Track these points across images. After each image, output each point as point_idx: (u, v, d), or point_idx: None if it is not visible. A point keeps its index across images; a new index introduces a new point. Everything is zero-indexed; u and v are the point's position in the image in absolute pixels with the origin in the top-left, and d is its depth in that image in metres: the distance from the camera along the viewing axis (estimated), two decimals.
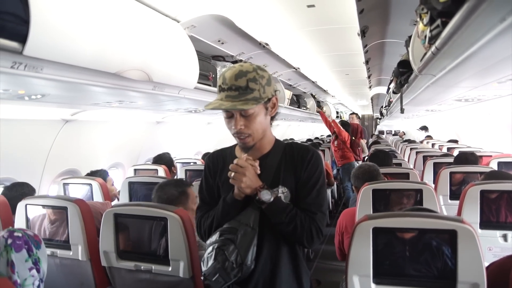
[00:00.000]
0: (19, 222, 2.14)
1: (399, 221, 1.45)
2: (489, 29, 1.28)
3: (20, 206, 2.16)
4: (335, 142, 6.41)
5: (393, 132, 17.46)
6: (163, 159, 3.85)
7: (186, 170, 3.64)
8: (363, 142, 7.07)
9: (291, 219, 1.35)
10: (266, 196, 1.34)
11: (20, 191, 2.52)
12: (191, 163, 4.44)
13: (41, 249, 1.23)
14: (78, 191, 3.03)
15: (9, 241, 1.17)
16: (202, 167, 3.52)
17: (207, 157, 1.65)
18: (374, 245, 1.46)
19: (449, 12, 1.46)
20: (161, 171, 3.62)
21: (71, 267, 2.06)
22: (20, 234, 1.21)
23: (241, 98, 1.28)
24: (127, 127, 4.59)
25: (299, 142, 6.49)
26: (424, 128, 10.05)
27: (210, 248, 1.35)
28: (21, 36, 1.51)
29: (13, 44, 1.51)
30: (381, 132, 18.29)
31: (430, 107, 4.84)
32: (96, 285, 2.05)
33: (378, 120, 18.82)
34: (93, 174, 3.30)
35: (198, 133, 6.45)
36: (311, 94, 9.08)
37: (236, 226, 1.36)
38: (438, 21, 1.71)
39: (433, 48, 1.86)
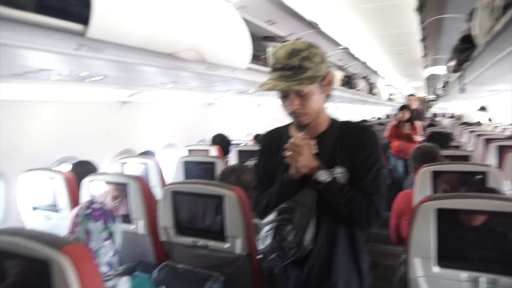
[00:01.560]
0: (85, 197, 2.27)
1: (466, 203, 1.38)
2: None
3: (85, 182, 2.28)
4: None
5: (448, 115, 16.62)
6: (222, 137, 3.95)
7: (238, 151, 3.67)
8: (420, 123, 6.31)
9: (348, 200, 1.32)
10: (323, 176, 1.31)
11: (85, 168, 2.68)
12: (243, 144, 4.48)
13: (115, 224, 1.29)
14: (134, 169, 3.15)
15: (88, 211, 1.24)
16: (254, 148, 3.55)
17: (262, 136, 1.63)
18: (436, 227, 1.41)
19: None
20: (214, 151, 3.69)
21: (132, 240, 2.15)
22: (98, 206, 1.28)
23: (296, 78, 1.25)
24: (180, 109, 4.69)
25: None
26: (484, 109, 9.40)
27: (268, 227, 1.35)
28: (84, 19, 1.57)
29: (77, 27, 1.57)
30: (435, 115, 17.48)
31: (495, 86, 4.53)
32: (156, 258, 2.14)
33: (432, 102, 18.01)
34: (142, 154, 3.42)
35: (248, 114, 6.49)
36: (363, 76, 8.82)
37: (293, 206, 1.34)
38: None
39: (504, 19, 1.72)
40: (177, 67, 2.32)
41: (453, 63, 4.38)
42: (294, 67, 1.25)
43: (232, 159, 3.63)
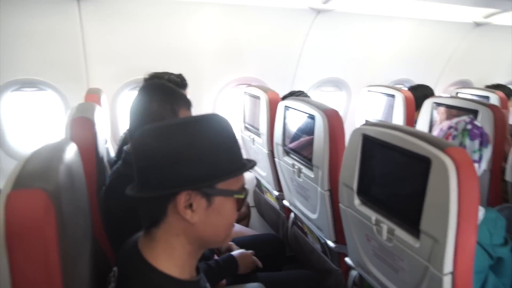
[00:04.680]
0: (423, 118, 2.28)
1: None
2: None
3: (426, 104, 2.27)
4: None
5: None
6: None
7: None
8: None
9: None
10: None
11: (423, 92, 2.69)
12: None
13: (488, 149, 1.21)
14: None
15: (469, 126, 1.21)
16: None
17: None
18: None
19: None
20: None
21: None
22: (479, 125, 1.23)
23: None
24: None
25: None
26: None
27: None
28: None
29: None
30: None
31: None
32: (488, 198, 1.96)
33: None
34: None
35: None
36: None
37: None
38: None
39: None
40: None
41: None
42: None
43: None
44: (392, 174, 1.15)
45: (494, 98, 2.75)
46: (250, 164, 0.86)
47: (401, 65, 3.28)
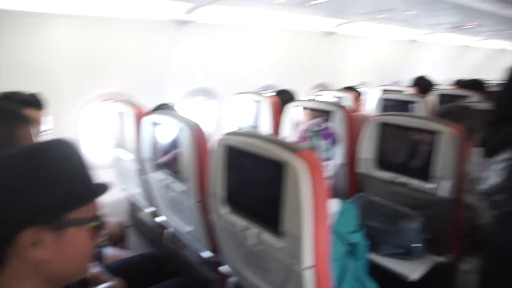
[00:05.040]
0: (286, 121, 2.44)
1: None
2: None
3: (288, 107, 2.44)
4: None
5: None
6: (423, 79, 3.69)
7: (440, 95, 3.36)
8: None
9: None
10: None
11: (286, 96, 2.87)
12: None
13: (339, 146, 1.34)
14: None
15: (319, 127, 1.32)
16: (457, 93, 3.21)
17: None
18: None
19: None
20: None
21: None
22: (329, 126, 1.35)
23: None
24: (379, 45, 4.44)
25: None
26: None
27: (499, 165, 1.21)
28: None
29: None
30: None
31: None
32: (348, 189, 2.18)
33: None
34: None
35: (452, 57, 5.75)
36: None
37: None
38: None
39: None
40: None
41: None
42: None
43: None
44: (254, 180, 1.19)
45: (348, 98, 3.09)
46: (101, 189, 0.80)
47: (266, 72, 3.48)
